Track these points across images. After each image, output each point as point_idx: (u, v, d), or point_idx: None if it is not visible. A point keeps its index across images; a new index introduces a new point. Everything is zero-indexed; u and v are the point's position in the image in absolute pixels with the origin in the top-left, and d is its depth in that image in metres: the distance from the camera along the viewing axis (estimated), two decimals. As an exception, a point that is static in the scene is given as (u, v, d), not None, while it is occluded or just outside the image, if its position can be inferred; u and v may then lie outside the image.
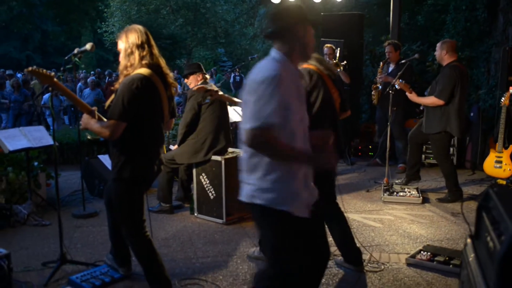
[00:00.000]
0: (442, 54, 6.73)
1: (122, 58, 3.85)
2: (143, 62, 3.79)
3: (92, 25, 38.62)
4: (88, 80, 16.19)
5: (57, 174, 4.91)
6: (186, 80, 6.60)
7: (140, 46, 3.80)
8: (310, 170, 3.03)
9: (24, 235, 5.79)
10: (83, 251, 5.30)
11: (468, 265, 2.51)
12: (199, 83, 6.34)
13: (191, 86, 6.43)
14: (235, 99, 5.14)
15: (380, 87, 8.70)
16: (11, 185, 6.36)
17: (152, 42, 3.91)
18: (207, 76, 6.59)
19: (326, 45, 9.00)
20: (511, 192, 2.64)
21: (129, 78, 3.70)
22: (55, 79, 3.88)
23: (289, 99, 2.83)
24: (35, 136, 6.42)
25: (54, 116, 4.88)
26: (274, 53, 2.96)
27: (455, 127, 6.61)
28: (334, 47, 8.73)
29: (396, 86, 7.26)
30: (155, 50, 3.92)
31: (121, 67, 3.84)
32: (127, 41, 3.82)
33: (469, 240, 2.66)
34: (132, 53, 3.80)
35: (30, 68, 3.78)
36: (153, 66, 3.84)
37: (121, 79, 3.78)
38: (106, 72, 21.75)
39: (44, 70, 3.84)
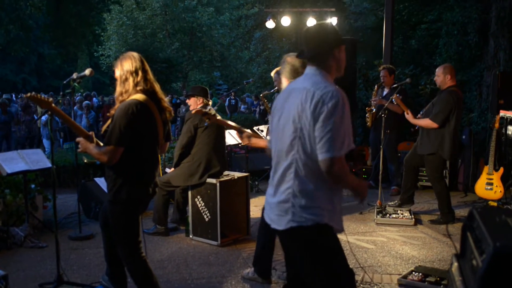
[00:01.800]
0: (446, 79, 6.79)
1: (117, 85, 3.97)
2: (138, 88, 3.90)
3: (89, 48, 38.83)
4: (83, 104, 16.29)
5: (55, 197, 4.97)
6: (187, 101, 6.70)
7: (134, 73, 3.91)
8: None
9: (21, 257, 5.84)
10: (79, 272, 5.35)
11: (454, 282, 2.59)
12: (198, 106, 6.45)
13: (191, 108, 6.53)
14: (232, 124, 5.24)
15: (374, 109, 8.81)
16: (8, 207, 6.41)
17: (147, 68, 4.02)
18: (209, 101, 6.66)
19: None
20: (493, 211, 2.74)
21: (125, 103, 3.81)
22: (53, 105, 3.99)
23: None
24: (32, 159, 6.50)
25: (53, 139, 4.96)
26: (316, 71, 2.99)
27: (447, 150, 6.70)
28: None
29: (393, 101, 7.37)
30: (150, 75, 4.03)
31: (116, 93, 3.96)
32: (122, 69, 3.94)
33: (454, 259, 2.74)
34: (126, 79, 3.91)
35: (29, 94, 3.89)
36: (148, 91, 3.95)
37: (117, 105, 3.89)
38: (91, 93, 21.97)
39: (43, 96, 3.95)
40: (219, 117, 5.08)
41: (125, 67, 3.93)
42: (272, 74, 5.21)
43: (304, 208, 2.86)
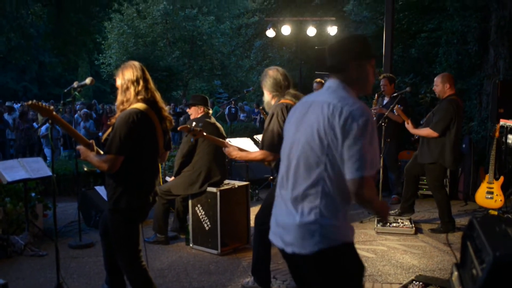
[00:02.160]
0: (445, 88, 6.77)
1: (119, 94, 3.99)
2: (139, 97, 3.92)
3: (90, 56, 38.87)
4: (82, 112, 16.35)
5: (55, 205, 4.97)
6: (188, 110, 6.72)
7: (135, 82, 3.94)
8: None
9: (21, 266, 5.84)
10: (79, 281, 5.35)
11: (454, 292, 2.60)
12: (199, 115, 6.47)
13: (192, 117, 6.56)
14: (220, 140, 5.25)
15: (374, 118, 8.79)
16: (8, 216, 6.40)
17: (148, 77, 4.05)
18: (210, 110, 6.68)
19: (315, 80, 9.29)
20: (493, 221, 2.74)
21: (126, 112, 3.83)
22: (54, 113, 4.00)
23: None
24: (33, 167, 6.51)
25: (54, 148, 4.96)
26: (339, 84, 2.83)
27: (449, 159, 6.68)
28: (323, 81, 8.90)
29: (394, 111, 7.38)
30: (151, 85, 4.05)
31: (117, 102, 3.98)
32: (123, 78, 3.97)
33: (455, 268, 2.74)
34: (127, 88, 3.94)
35: (30, 102, 3.90)
36: (148, 100, 3.97)
37: (118, 114, 3.90)
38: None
39: (44, 104, 3.96)
40: (205, 133, 5.08)
41: (126, 76, 3.96)
42: None
43: (333, 228, 2.68)
